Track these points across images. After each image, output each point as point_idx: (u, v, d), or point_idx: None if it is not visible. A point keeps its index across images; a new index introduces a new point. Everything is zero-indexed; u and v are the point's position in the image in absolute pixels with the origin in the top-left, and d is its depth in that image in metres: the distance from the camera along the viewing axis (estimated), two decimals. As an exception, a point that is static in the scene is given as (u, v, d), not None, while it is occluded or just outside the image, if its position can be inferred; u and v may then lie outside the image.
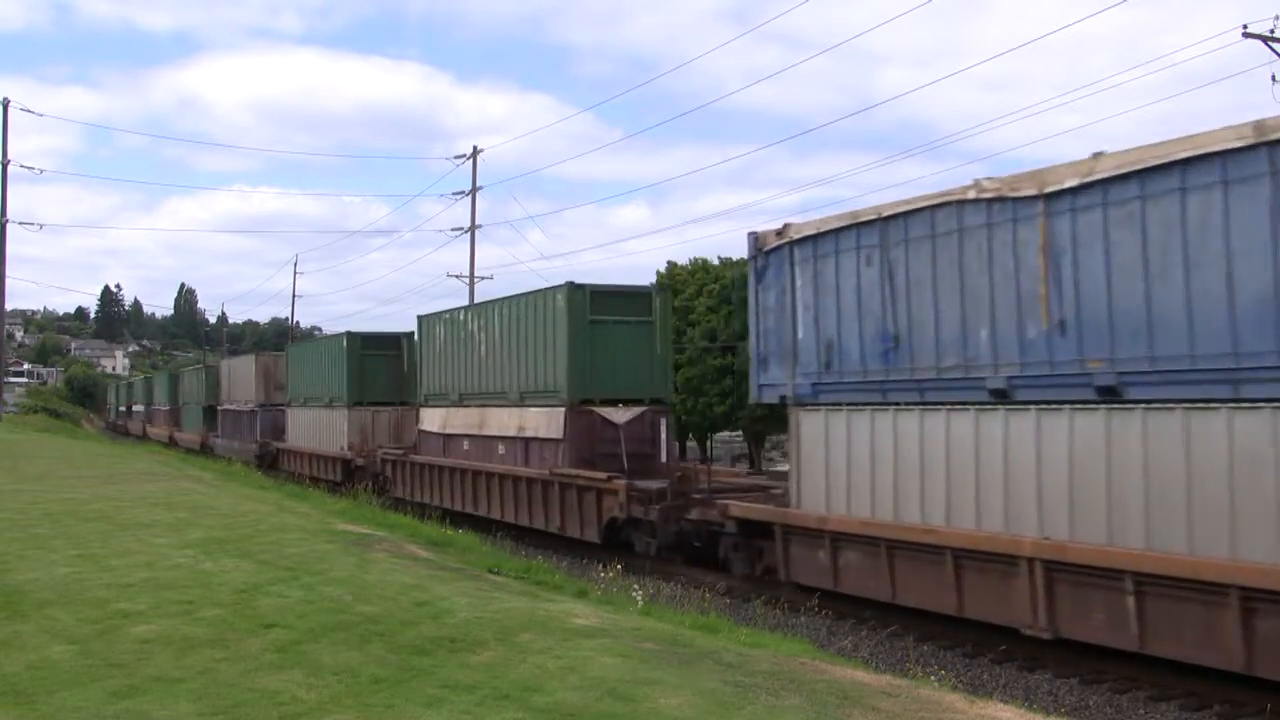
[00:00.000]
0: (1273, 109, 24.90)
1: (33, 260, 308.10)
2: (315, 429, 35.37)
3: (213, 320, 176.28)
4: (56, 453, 35.76)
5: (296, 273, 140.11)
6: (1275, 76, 25.75)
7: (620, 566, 16.24)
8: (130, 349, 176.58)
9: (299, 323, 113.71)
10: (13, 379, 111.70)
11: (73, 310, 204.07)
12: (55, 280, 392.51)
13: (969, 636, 12.88)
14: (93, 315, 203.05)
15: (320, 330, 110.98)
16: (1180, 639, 10.27)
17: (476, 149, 51.57)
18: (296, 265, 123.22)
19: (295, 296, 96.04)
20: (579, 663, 7.79)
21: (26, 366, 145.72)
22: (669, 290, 23.31)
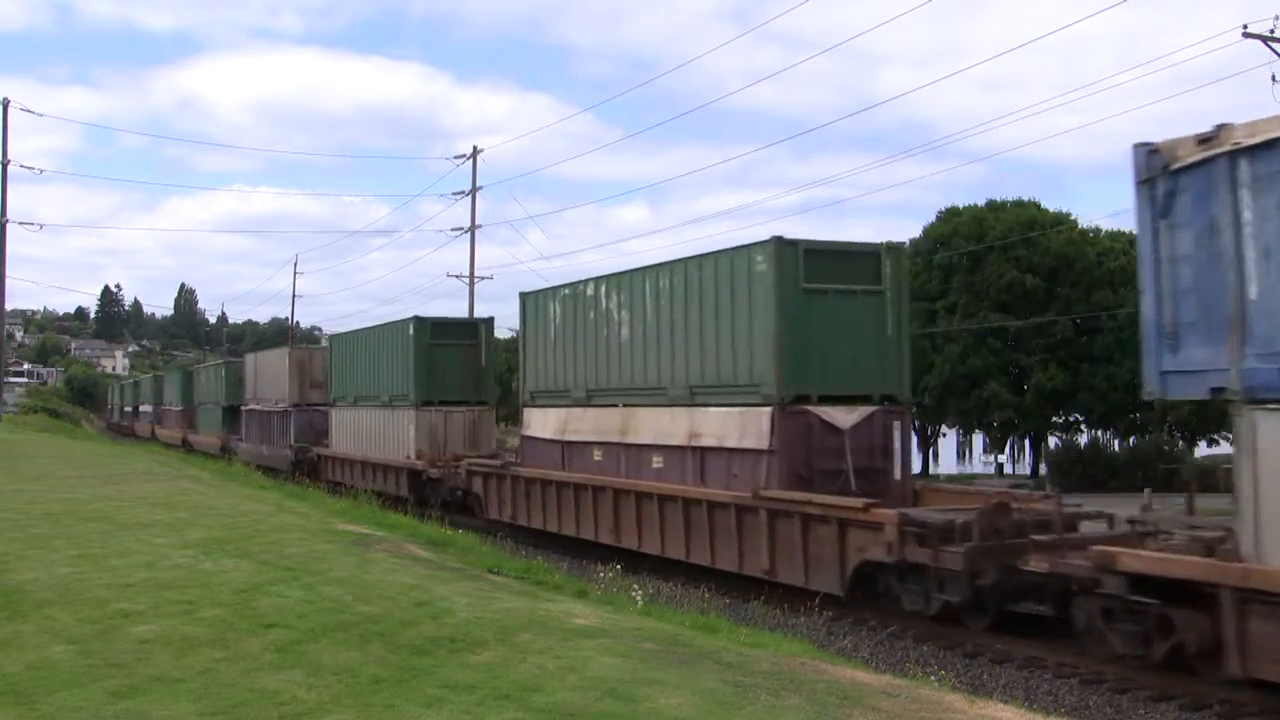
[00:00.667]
0: (1273, 109, 24.86)
1: (33, 260, 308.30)
2: (368, 433, 30.99)
3: (213, 320, 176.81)
4: (56, 453, 35.75)
5: (296, 273, 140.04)
6: (1275, 76, 25.78)
7: (620, 566, 16.14)
8: (130, 349, 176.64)
9: (299, 323, 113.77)
10: (13, 379, 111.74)
11: (73, 310, 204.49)
12: (55, 280, 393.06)
13: (969, 636, 12.88)
14: (93, 315, 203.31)
15: (320, 330, 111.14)
16: None
17: (476, 149, 51.64)
18: (296, 265, 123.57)
19: (295, 296, 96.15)
20: (579, 663, 7.79)
21: (26, 366, 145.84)
22: (903, 249, 17.30)
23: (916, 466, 32.42)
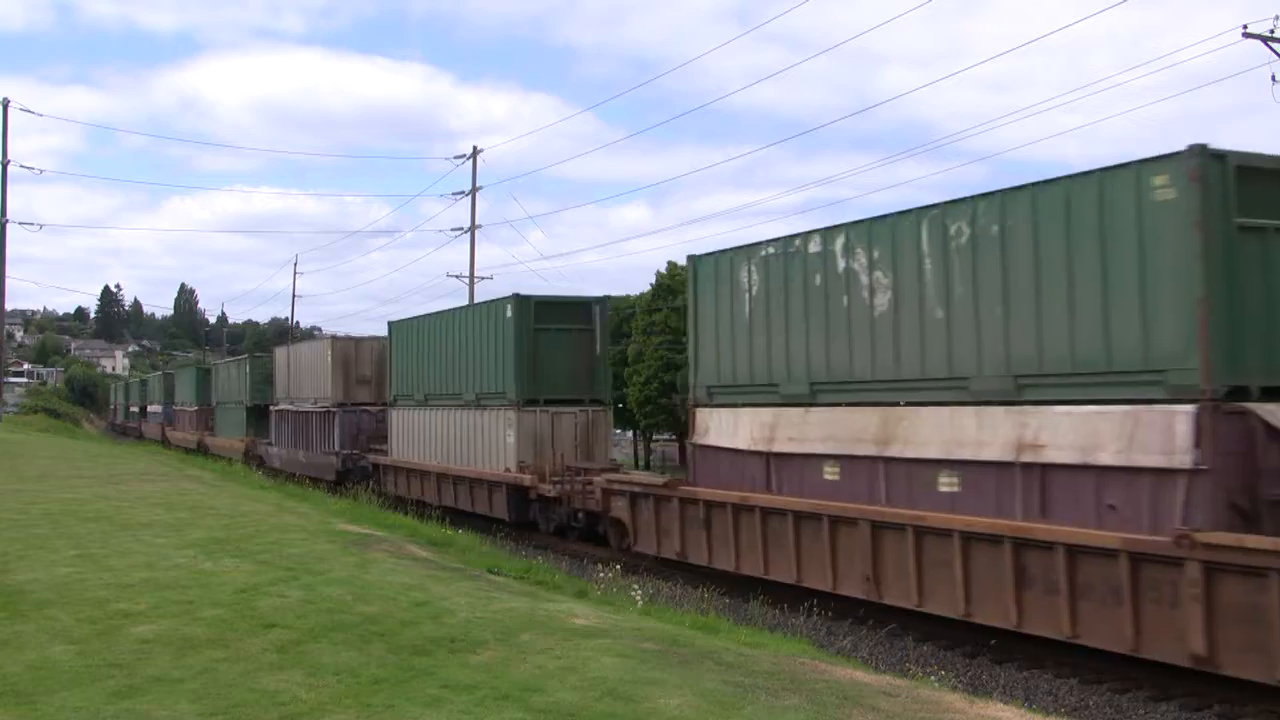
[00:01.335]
0: (1273, 109, 24.84)
1: (33, 260, 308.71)
2: (445, 439, 25.67)
3: (213, 320, 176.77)
4: (56, 453, 35.77)
5: (296, 273, 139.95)
6: (1275, 76, 25.74)
7: (619, 567, 16.19)
8: (130, 349, 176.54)
9: (299, 322, 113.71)
10: (13, 379, 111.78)
11: (73, 310, 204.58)
12: (55, 280, 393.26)
13: (969, 636, 12.87)
14: (93, 315, 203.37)
15: (320, 330, 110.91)
16: None
17: (477, 149, 51.58)
18: (296, 265, 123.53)
19: (295, 296, 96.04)
20: (579, 663, 7.79)
21: (26, 367, 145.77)
22: None
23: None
